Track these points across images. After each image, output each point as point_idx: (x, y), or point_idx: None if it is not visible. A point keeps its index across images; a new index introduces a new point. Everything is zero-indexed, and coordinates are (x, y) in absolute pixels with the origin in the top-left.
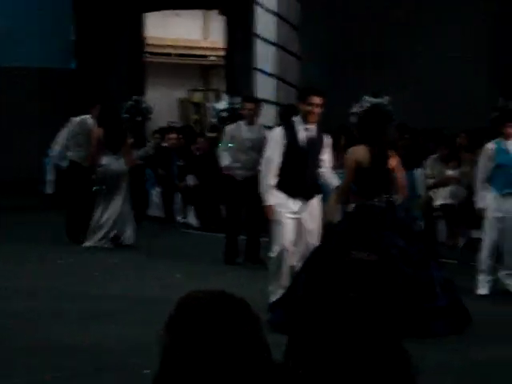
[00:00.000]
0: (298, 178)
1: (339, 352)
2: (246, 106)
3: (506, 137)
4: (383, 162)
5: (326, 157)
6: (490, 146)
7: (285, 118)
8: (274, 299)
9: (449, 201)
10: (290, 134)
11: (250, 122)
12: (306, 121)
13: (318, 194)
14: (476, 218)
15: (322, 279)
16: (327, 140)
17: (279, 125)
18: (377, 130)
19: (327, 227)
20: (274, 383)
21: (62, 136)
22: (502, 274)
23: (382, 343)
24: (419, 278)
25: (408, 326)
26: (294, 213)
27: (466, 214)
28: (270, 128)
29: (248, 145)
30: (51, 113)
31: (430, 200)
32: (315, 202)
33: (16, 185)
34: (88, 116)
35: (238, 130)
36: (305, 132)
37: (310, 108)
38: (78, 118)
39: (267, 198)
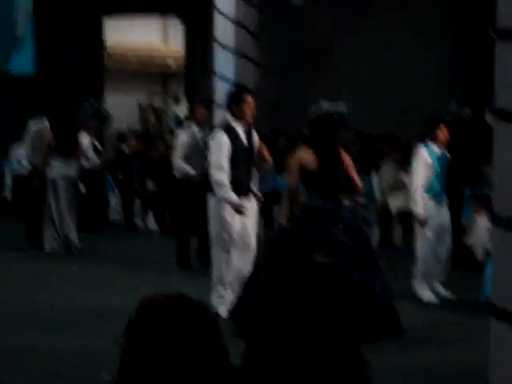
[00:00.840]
0: (244, 177)
1: (297, 356)
2: (198, 110)
3: (440, 140)
4: (331, 164)
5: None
6: (424, 151)
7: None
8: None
9: (404, 206)
10: (234, 137)
11: (201, 125)
12: (242, 119)
13: (252, 193)
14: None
15: (280, 282)
16: (256, 137)
17: (218, 128)
18: (326, 135)
19: (278, 229)
20: None
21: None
22: (434, 280)
23: (341, 347)
24: (363, 280)
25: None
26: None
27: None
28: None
29: (202, 147)
30: (12, 119)
31: (386, 204)
32: (253, 202)
33: None
34: (43, 117)
35: (193, 133)
36: (244, 133)
37: (246, 107)
38: (35, 126)
39: (231, 197)
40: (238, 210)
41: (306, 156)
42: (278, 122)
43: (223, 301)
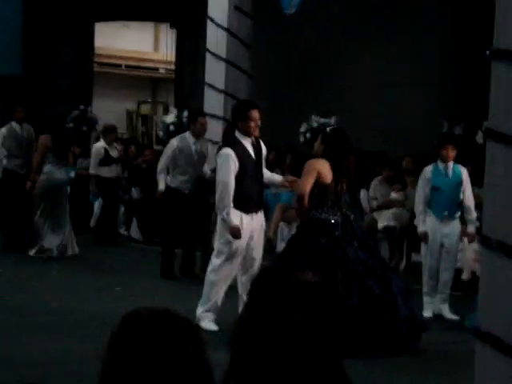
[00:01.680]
0: (252, 193)
1: (281, 374)
2: (201, 121)
3: (444, 159)
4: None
5: (264, 166)
6: (428, 168)
7: (229, 135)
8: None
9: (392, 223)
10: (241, 153)
11: (199, 136)
12: (249, 136)
13: (261, 207)
14: (417, 241)
15: (266, 299)
16: (264, 147)
17: (225, 144)
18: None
19: (270, 243)
20: None
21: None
22: (436, 297)
23: (324, 366)
24: (382, 291)
25: (372, 341)
26: (248, 231)
27: (408, 237)
28: (215, 143)
29: (195, 157)
30: None
31: (374, 222)
32: (261, 216)
33: None
34: (13, 122)
35: (186, 141)
36: (251, 147)
37: (253, 123)
38: (3, 129)
39: (230, 219)
40: (234, 234)
41: (323, 167)
42: (267, 135)
43: (208, 315)
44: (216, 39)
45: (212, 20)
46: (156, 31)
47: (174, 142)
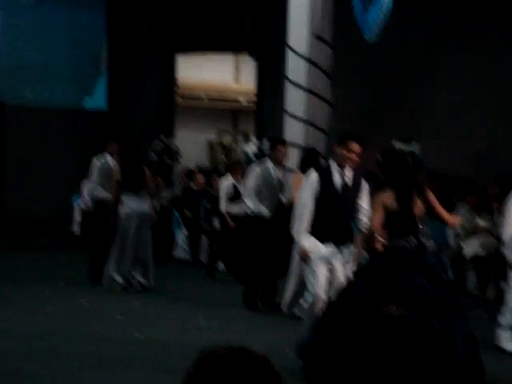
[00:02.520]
0: (332, 223)
1: None
2: (279, 148)
3: None
4: (409, 205)
5: (364, 203)
6: None
7: (306, 161)
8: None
9: (479, 251)
10: (325, 178)
11: (278, 163)
12: (341, 166)
13: (351, 241)
14: (506, 270)
15: (352, 334)
16: (365, 185)
17: (316, 169)
18: (401, 173)
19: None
20: None
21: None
22: None
23: None
24: (442, 327)
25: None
26: (327, 259)
27: (497, 266)
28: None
29: (276, 185)
30: (83, 153)
31: (460, 250)
32: (348, 249)
33: (44, 224)
34: (106, 154)
35: (268, 169)
36: (340, 177)
37: (346, 153)
38: (97, 161)
39: (302, 241)
40: (302, 257)
41: (387, 197)
42: None
43: None
44: (296, 68)
45: (292, 49)
46: (236, 62)
47: (257, 169)
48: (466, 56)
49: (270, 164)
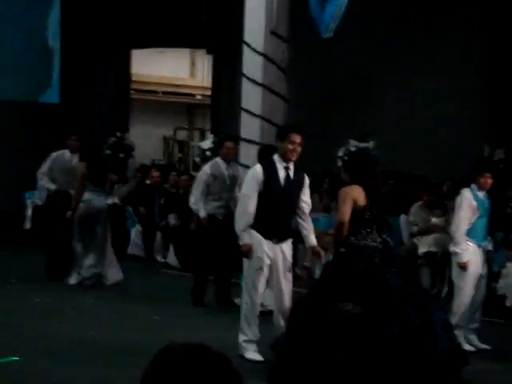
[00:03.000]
0: (275, 217)
1: None
2: (227, 145)
3: (480, 187)
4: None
5: (306, 197)
6: (468, 194)
7: (263, 158)
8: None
9: (433, 248)
10: (269, 172)
11: (228, 160)
12: (285, 159)
13: (290, 236)
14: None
15: (306, 333)
16: (307, 180)
17: (260, 163)
18: (367, 172)
19: (310, 272)
20: None
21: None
22: (468, 329)
23: None
24: (421, 321)
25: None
26: (268, 255)
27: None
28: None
29: (228, 182)
30: (33, 147)
31: (414, 247)
32: (288, 245)
33: None
34: (66, 150)
35: (218, 167)
36: (284, 171)
37: (290, 146)
38: (54, 153)
39: (243, 236)
40: (244, 252)
41: (357, 193)
42: (303, 160)
43: (251, 346)
44: (252, 64)
45: (248, 45)
46: (192, 57)
47: (207, 169)
48: (424, 53)
49: (221, 162)
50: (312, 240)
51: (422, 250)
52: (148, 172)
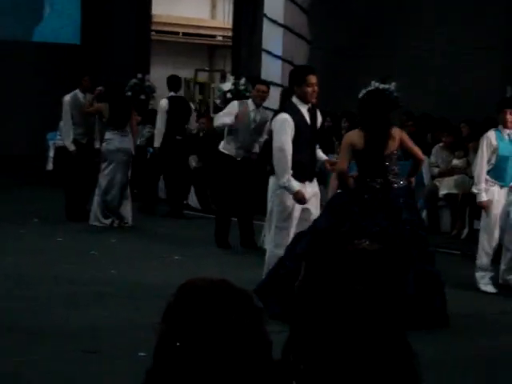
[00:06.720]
0: (308, 160)
1: (343, 347)
2: (260, 89)
3: (504, 124)
4: (378, 146)
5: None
6: (491, 134)
7: (285, 100)
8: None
9: (453, 190)
10: (298, 119)
11: (259, 104)
12: (306, 102)
13: (315, 176)
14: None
15: (324, 269)
16: (320, 116)
17: (282, 109)
18: (375, 115)
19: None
20: (273, 380)
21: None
22: (502, 268)
23: (387, 337)
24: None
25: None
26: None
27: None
28: (274, 111)
29: (252, 126)
30: (55, 89)
31: (435, 189)
32: (315, 185)
33: (16, 160)
34: (77, 90)
35: (245, 109)
36: (308, 114)
37: (309, 89)
38: (67, 97)
39: (292, 187)
40: (299, 200)
41: (356, 136)
42: (325, 102)
43: None
44: (274, 5)
45: None
46: None
47: (236, 104)
48: None
49: (250, 104)
50: (324, 155)
51: (442, 191)
52: None
